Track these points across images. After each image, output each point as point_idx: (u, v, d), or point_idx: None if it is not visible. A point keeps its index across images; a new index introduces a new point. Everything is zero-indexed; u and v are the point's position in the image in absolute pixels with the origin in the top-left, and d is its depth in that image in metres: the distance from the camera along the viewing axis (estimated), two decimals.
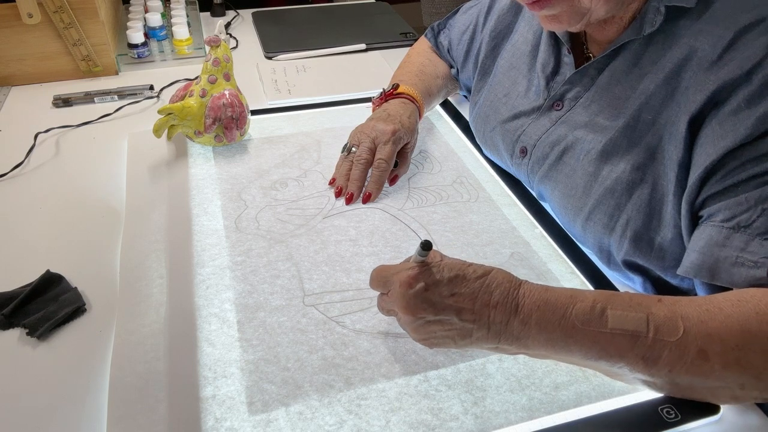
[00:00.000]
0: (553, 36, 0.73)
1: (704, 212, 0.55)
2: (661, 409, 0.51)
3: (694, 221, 0.56)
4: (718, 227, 0.52)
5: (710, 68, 0.55)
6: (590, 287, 0.65)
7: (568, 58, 0.71)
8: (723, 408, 0.52)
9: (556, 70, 0.73)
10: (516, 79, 0.79)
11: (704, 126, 0.55)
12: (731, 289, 0.51)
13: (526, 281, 0.51)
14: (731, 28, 0.55)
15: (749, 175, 0.51)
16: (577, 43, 0.71)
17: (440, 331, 0.50)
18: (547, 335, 0.48)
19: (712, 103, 0.55)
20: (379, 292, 0.56)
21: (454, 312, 0.49)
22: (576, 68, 0.69)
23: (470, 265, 0.51)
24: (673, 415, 0.50)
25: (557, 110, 0.71)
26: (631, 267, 0.64)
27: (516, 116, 0.77)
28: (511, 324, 0.49)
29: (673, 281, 0.62)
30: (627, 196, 0.62)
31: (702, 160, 0.54)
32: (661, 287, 0.63)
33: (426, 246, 0.49)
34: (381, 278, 0.54)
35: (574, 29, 0.64)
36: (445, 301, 0.49)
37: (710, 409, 0.51)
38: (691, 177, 0.55)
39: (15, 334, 0.59)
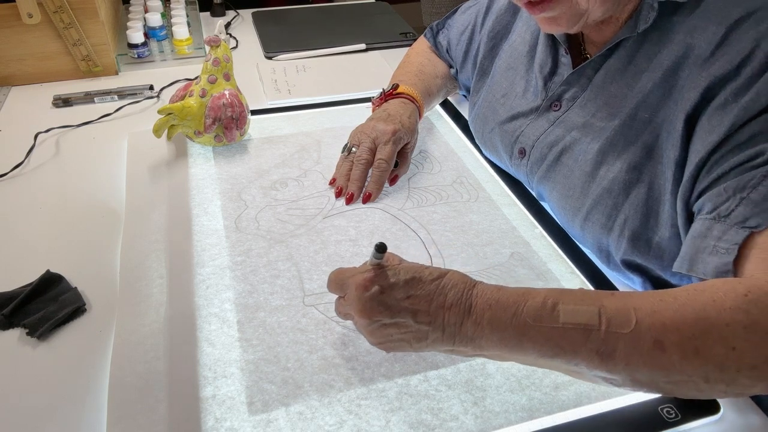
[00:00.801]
0: (550, 36, 0.73)
1: (695, 208, 0.55)
2: (661, 409, 0.51)
3: (690, 219, 0.56)
4: (702, 219, 0.53)
5: (703, 65, 0.56)
6: (590, 287, 0.65)
7: (565, 59, 0.71)
8: (723, 407, 0.52)
9: (553, 70, 0.73)
10: (514, 80, 0.79)
11: (697, 124, 0.56)
12: None
13: (481, 282, 0.50)
14: (723, 23, 0.55)
15: (731, 165, 0.52)
16: (575, 43, 0.71)
17: (396, 333, 0.50)
18: (500, 334, 0.47)
19: (705, 100, 0.55)
20: (336, 296, 0.55)
21: (410, 314, 0.49)
22: (573, 68, 0.69)
23: (427, 267, 0.51)
24: (673, 415, 0.50)
25: (555, 111, 0.71)
26: (630, 266, 0.64)
27: (514, 117, 0.77)
28: (465, 325, 0.48)
29: (673, 280, 0.62)
30: (624, 196, 0.62)
31: (693, 157, 0.55)
32: (661, 287, 0.63)
33: (380, 248, 0.49)
34: (338, 281, 0.53)
35: (572, 31, 0.64)
36: (400, 304, 0.49)
37: (710, 409, 0.51)
38: (685, 175, 0.56)
39: (15, 334, 0.59)
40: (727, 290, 0.46)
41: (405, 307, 0.49)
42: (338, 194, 0.78)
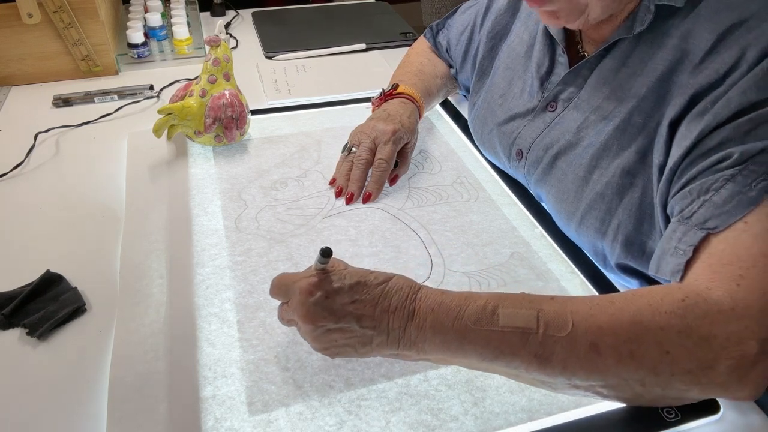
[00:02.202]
0: (548, 36, 0.73)
1: (668, 211, 0.55)
2: (662, 409, 0.51)
3: (668, 222, 0.57)
4: (672, 222, 0.53)
5: (692, 72, 0.56)
6: (590, 287, 0.65)
7: (562, 58, 0.71)
8: (723, 407, 0.52)
9: (550, 70, 0.73)
10: (512, 81, 0.79)
11: (678, 129, 0.56)
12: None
13: (426, 286, 0.50)
14: (715, 30, 0.55)
15: (699, 169, 0.52)
16: (572, 43, 0.71)
17: (341, 339, 0.49)
18: (442, 337, 0.47)
19: (690, 107, 0.55)
20: (279, 302, 0.55)
21: (355, 319, 0.48)
22: (570, 68, 0.69)
23: (372, 272, 0.51)
24: (673, 415, 0.50)
25: (551, 111, 0.71)
26: (626, 270, 0.64)
27: (512, 118, 0.77)
28: (408, 329, 0.48)
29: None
30: (617, 201, 0.62)
31: (669, 162, 0.55)
32: None
33: (326, 253, 0.48)
34: (281, 287, 0.53)
35: (572, 26, 0.63)
36: (345, 308, 0.48)
37: (710, 409, 0.51)
38: (662, 179, 0.56)
39: (15, 334, 0.59)
40: (664, 295, 0.46)
41: (350, 311, 0.48)
42: (338, 194, 0.78)
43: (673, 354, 0.44)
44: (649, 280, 0.63)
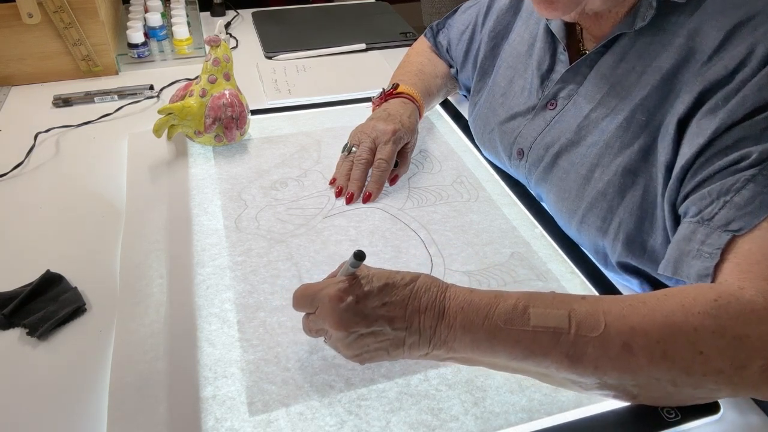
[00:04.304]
0: (549, 34, 0.73)
1: (681, 211, 0.55)
2: (662, 409, 0.51)
3: (677, 221, 0.56)
4: (687, 223, 0.53)
5: (700, 69, 0.55)
6: (590, 287, 0.65)
7: (563, 56, 0.71)
8: (723, 407, 0.52)
9: (551, 68, 0.73)
10: (513, 79, 0.79)
11: (688, 128, 0.55)
12: None
13: (453, 285, 0.50)
14: (723, 27, 0.55)
15: (716, 169, 0.52)
16: (574, 41, 0.71)
17: (373, 343, 0.49)
18: (472, 336, 0.47)
19: (698, 104, 0.55)
20: (304, 313, 0.54)
21: (387, 321, 0.48)
22: (570, 65, 0.69)
23: (398, 272, 0.50)
24: (673, 415, 0.50)
25: (551, 110, 0.71)
26: (627, 269, 0.64)
27: (513, 117, 0.77)
28: (439, 328, 0.48)
29: (669, 283, 0.62)
30: (619, 199, 0.62)
31: (680, 160, 0.55)
32: (657, 289, 0.63)
33: (359, 256, 0.47)
34: (306, 297, 0.52)
35: (568, 17, 0.63)
36: (376, 312, 0.48)
37: (710, 409, 0.51)
38: (671, 177, 0.56)
39: (15, 334, 0.59)
40: (696, 295, 0.46)
41: (381, 314, 0.48)
42: (338, 194, 0.78)
43: (706, 354, 0.44)
44: (650, 279, 0.63)
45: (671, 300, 0.46)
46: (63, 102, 1.01)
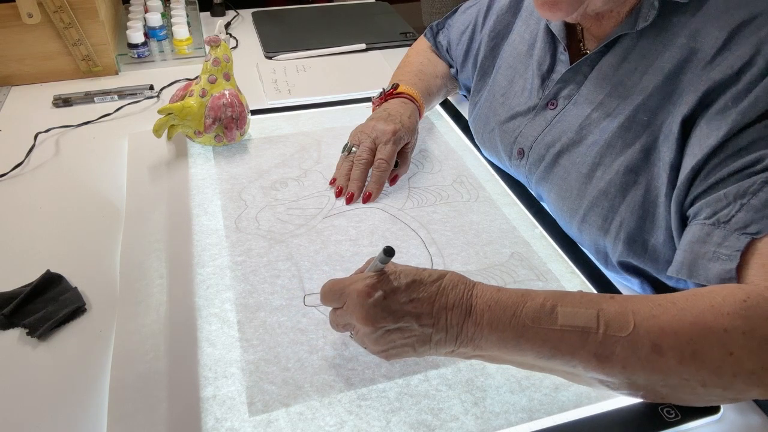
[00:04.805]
0: (549, 34, 0.73)
1: (691, 212, 0.55)
2: (662, 409, 0.51)
3: (684, 222, 0.56)
4: (700, 225, 0.53)
5: (704, 69, 0.55)
6: (590, 287, 0.65)
7: (564, 56, 0.71)
8: (723, 407, 0.52)
9: (551, 68, 0.73)
10: (513, 79, 0.79)
11: (694, 127, 0.55)
12: None
13: (480, 283, 0.50)
14: (726, 27, 0.55)
15: (730, 171, 0.52)
16: (574, 40, 0.71)
17: (400, 339, 0.49)
18: (499, 335, 0.47)
19: (703, 105, 0.55)
20: (330, 308, 0.54)
21: (414, 318, 0.48)
22: (570, 65, 0.69)
23: (425, 269, 0.51)
24: (674, 415, 0.50)
25: (551, 109, 0.71)
26: (628, 268, 0.64)
27: (513, 117, 0.77)
28: (465, 325, 0.48)
29: (669, 282, 0.62)
30: (620, 198, 0.62)
31: (689, 160, 0.55)
32: (657, 289, 0.63)
33: (388, 252, 0.48)
34: (334, 292, 0.52)
35: (570, 18, 0.63)
36: (404, 308, 0.48)
37: (710, 409, 0.51)
38: (680, 178, 0.56)
39: (15, 334, 0.59)
40: (725, 295, 0.46)
41: (409, 311, 0.48)
42: (338, 194, 0.78)
43: (736, 355, 0.44)
44: (651, 279, 0.63)
45: (700, 300, 0.46)
46: (63, 102, 1.01)
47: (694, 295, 0.47)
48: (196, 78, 0.86)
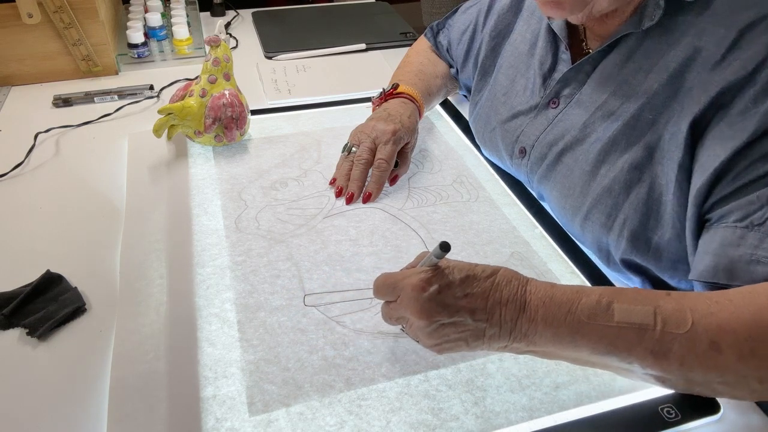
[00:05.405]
0: (551, 33, 0.73)
1: (714, 215, 0.54)
2: (662, 409, 0.51)
3: (701, 224, 0.56)
4: (731, 228, 0.52)
5: (714, 69, 0.55)
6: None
7: (565, 55, 0.71)
8: (723, 407, 0.52)
9: (553, 67, 0.73)
10: (515, 78, 0.79)
11: (710, 128, 0.55)
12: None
13: (534, 279, 0.51)
14: (734, 27, 0.54)
15: (759, 173, 0.51)
16: (576, 40, 0.71)
17: (453, 333, 0.49)
18: (554, 330, 0.48)
19: (717, 105, 0.54)
20: (383, 301, 0.55)
21: (468, 312, 0.49)
22: (572, 65, 0.69)
23: (477, 265, 0.51)
24: (674, 415, 0.50)
25: (553, 108, 0.71)
26: (630, 266, 0.64)
27: (515, 116, 0.77)
28: (519, 321, 0.49)
29: (671, 281, 0.62)
30: (624, 196, 0.62)
31: (710, 162, 0.54)
32: (659, 288, 0.63)
33: (445, 247, 0.48)
34: (388, 285, 0.53)
35: (575, 19, 0.63)
36: (458, 303, 0.49)
37: (710, 409, 0.51)
38: (698, 180, 0.55)
39: (15, 334, 0.59)
40: None
41: (463, 305, 0.49)
42: (338, 194, 0.78)
43: None
44: (653, 279, 0.63)
45: (757, 297, 0.46)
46: (63, 102, 1.01)
47: (750, 292, 0.47)
48: (196, 78, 0.86)
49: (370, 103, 0.91)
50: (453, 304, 0.49)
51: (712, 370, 0.46)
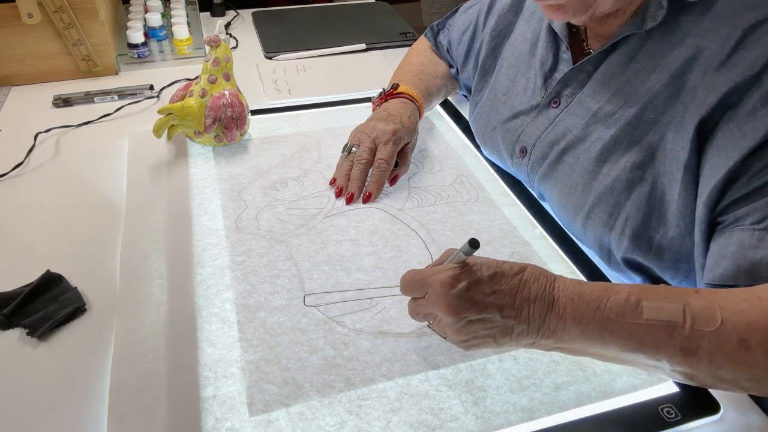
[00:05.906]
0: (552, 33, 0.73)
1: (728, 217, 0.53)
2: (662, 409, 0.51)
3: (713, 227, 0.55)
4: (749, 230, 0.52)
5: (719, 69, 0.55)
6: None
7: (566, 55, 0.71)
8: (723, 407, 0.52)
9: (554, 67, 0.73)
10: (515, 78, 0.79)
11: (718, 129, 0.54)
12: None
13: (561, 276, 0.51)
14: (738, 27, 0.54)
15: None
16: (577, 40, 0.71)
17: (482, 330, 0.50)
18: (582, 328, 0.48)
19: (724, 106, 0.54)
20: (410, 298, 0.55)
21: (497, 309, 0.49)
22: (573, 65, 0.69)
23: (505, 262, 0.51)
24: (674, 415, 0.50)
25: (554, 108, 0.71)
26: (631, 266, 0.64)
27: (515, 115, 0.77)
28: (548, 318, 0.49)
29: (672, 281, 0.62)
30: (626, 194, 0.62)
31: (722, 163, 0.53)
32: None
33: (474, 244, 0.48)
34: (416, 282, 0.53)
35: (577, 21, 0.63)
36: (487, 299, 0.49)
37: (710, 409, 0.51)
38: (709, 181, 0.54)
39: (15, 334, 0.59)
40: None
41: (492, 302, 0.49)
42: (338, 194, 0.78)
43: None
44: (653, 278, 0.63)
45: None
46: (63, 102, 1.01)
47: None
48: (196, 78, 0.86)
49: (370, 103, 0.91)
50: (482, 301, 0.49)
51: (740, 367, 0.46)
